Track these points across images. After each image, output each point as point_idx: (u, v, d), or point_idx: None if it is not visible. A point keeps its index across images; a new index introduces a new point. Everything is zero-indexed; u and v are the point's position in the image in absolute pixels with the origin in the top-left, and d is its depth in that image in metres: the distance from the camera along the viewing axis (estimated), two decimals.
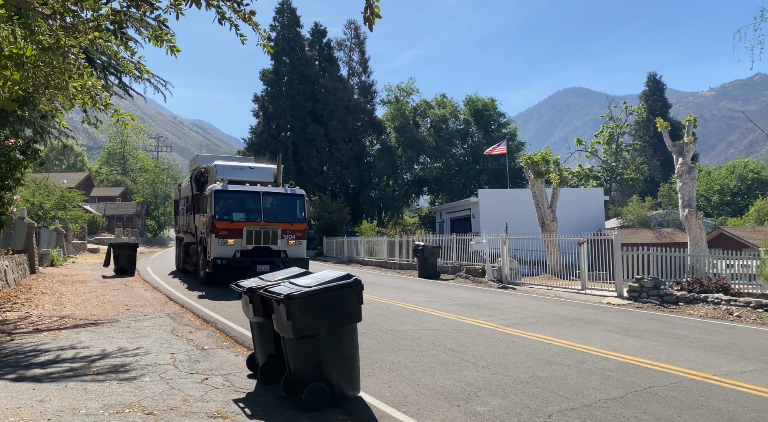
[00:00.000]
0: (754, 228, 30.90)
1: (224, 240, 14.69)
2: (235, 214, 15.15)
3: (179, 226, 21.65)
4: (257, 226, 15.05)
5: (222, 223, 14.81)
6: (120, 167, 77.50)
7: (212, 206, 14.88)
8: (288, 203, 15.92)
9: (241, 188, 15.48)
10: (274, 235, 15.24)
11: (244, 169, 16.76)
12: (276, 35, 50.07)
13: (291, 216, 15.77)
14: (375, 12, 4.47)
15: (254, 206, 15.41)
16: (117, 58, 6.84)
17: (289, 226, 15.52)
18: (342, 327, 5.33)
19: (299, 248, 15.72)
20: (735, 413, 5.28)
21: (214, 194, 14.98)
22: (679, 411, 5.31)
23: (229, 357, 7.25)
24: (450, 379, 6.32)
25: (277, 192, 15.83)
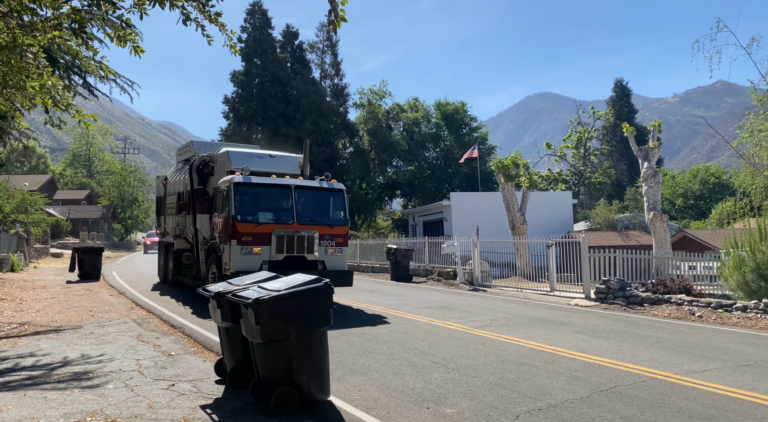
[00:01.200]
0: (715, 230, 31.85)
1: (248, 249, 11.37)
2: (262, 214, 11.83)
3: (165, 229, 17.43)
4: (290, 230, 11.63)
5: (245, 226, 11.45)
6: (85, 169, 75.61)
7: (232, 203, 11.55)
8: (325, 200, 12.73)
9: (269, 181, 12.11)
10: (311, 242, 11.86)
11: (263, 157, 13.47)
12: (247, 37, 49.63)
13: (330, 217, 12.55)
14: (339, 15, 4.46)
15: (285, 204, 12.12)
16: (79, 57, 6.68)
17: (328, 230, 12.21)
18: (312, 331, 5.29)
19: (340, 258, 12.32)
20: (695, 410, 5.42)
21: (235, 188, 11.60)
22: (642, 409, 5.43)
23: (197, 363, 7.13)
24: (420, 382, 6.33)
25: (312, 186, 12.48)
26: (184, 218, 14.78)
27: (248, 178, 11.90)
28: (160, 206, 18.14)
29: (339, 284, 11.39)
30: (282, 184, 12.13)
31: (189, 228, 14.35)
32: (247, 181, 11.79)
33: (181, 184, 15.30)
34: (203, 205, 13.50)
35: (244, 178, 11.81)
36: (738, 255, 12.74)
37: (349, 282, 12.11)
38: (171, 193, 16.66)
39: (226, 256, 11.58)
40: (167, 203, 17.05)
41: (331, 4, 4.43)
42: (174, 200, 16.12)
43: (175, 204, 15.85)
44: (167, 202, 17.05)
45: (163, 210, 17.59)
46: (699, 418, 5.21)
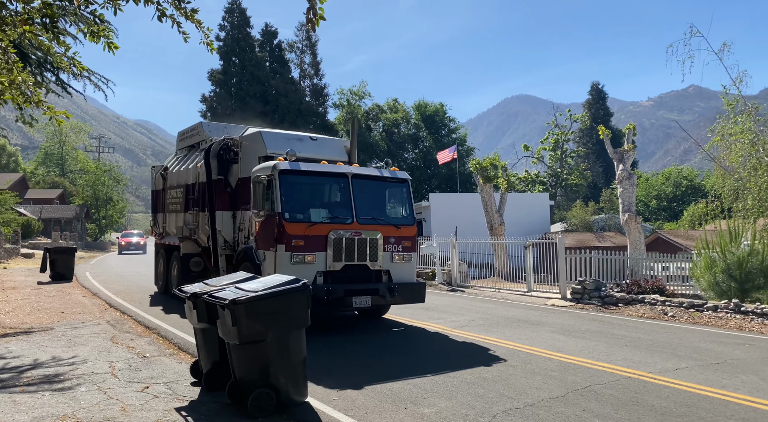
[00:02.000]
0: (688, 232, 32.54)
1: (301, 256, 8.81)
2: (314, 212, 9.37)
3: (164, 229, 14.52)
4: (349, 231, 9.13)
5: (296, 226, 8.86)
6: (58, 168, 74.03)
7: (277, 197, 8.97)
8: (389, 193, 10.27)
9: (322, 168, 9.68)
10: (374, 246, 9.33)
11: (303, 139, 11.06)
12: (225, 35, 49.23)
13: (394, 215, 10.08)
14: (318, 13, 4.44)
15: (340, 198, 9.73)
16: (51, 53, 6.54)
17: (394, 231, 9.64)
18: (290, 332, 5.26)
19: (408, 267, 9.80)
20: (668, 408, 5.52)
21: (281, 177, 9.05)
22: (616, 408, 5.51)
23: (172, 365, 7.03)
24: (398, 382, 6.33)
25: (373, 175, 9.99)
26: (195, 216, 12.05)
27: (296, 164, 9.28)
28: (158, 201, 15.22)
29: (410, 300, 9.77)
30: (338, 172, 9.60)
31: (203, 228, 11.66)
32: (294, 167, 9.20)
33: (190, 174, 12.51)
34: (224, 200, 11.04)
35: (290, 165, 9.21)
36: (709, 256, 13.02)
37: (421, 298, 9.77)
38: (174, 185, 13.78)
39: (269, 265, 8.96)
40: (168, 198, 14.19)
41: (309, 1, 4.40)
42: (179, 194, 13.32)
43: (181, 198, 13.07)
44: (168, 197, 14.19)
45: (162, 206, 14.67)
46: (671, 416, 5.31)
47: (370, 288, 9.15)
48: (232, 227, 11.05)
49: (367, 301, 9.02)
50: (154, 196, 15.74)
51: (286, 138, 10.92)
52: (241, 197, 10.69)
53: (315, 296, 8.08)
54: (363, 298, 9.00)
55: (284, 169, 9.17)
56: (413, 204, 10.32)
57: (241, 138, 11.20)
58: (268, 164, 9.46)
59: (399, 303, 9.64)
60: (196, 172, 12.08)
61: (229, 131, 12.54)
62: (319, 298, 8.47)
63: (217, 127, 13.14)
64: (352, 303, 8.91)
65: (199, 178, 11.82)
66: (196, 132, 13.47)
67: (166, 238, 14.26)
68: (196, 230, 12.08)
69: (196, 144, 13.27)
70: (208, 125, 13.22)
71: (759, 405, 5.69)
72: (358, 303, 8.96)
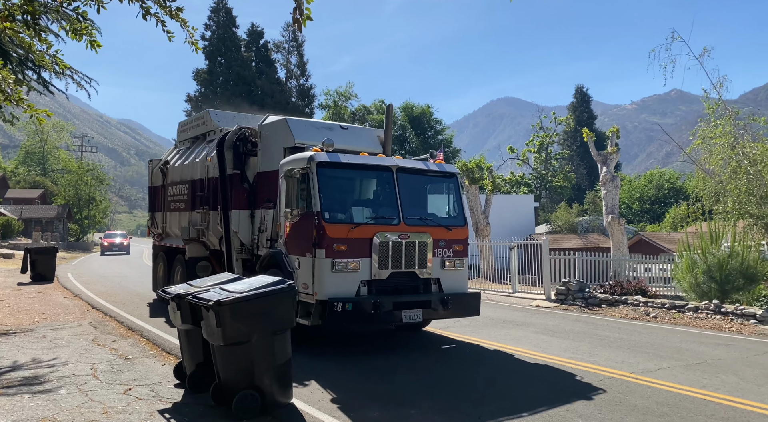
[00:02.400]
0: (670, 234, 32.98)
1: (344, 263, 7.60)
2: (356, 211, 8.25)
3: (164, 229, 13.12)
4: (395, 234, 7.93)
5: (338, 228, 7.65)
6: (39, 167, 72.91)
7: (315, 193, 7.72)
8: (437, 189, 9.15)
9: (365, 160, 8.42)
10: (423, 251, 8.13)
11: (333, 128, 9.80)
12: (211, 35, 48.91)
13: (443, 215, 8.88)
14: (305, 13, 4.43)
15: (384, 194, 8.54)
16: (32, 50, 6.44)
17: (444, 233, 8.43)
18: (274, 333, 5.24)
19: (460, 275, 8.62)
20: (650, 408, 5.59)
21: (319, 170, 7.81)
22: (599, 408, 5.57)
23: (156, 367, 6.96)
24: (384, 384, 6.34)
25: (419, 168, 8.72)
26: (204, 215, 10.73)
27: (334, 155, 8.05)
28: (156, 199, 13.86)
29: (464, 313, 8.54)
30: (382, 164, 8.35)
31: (213, 229, 10.42)
32: (334, 159, 7.95)
33: (197, 168, 11.19)
34: (241, 197, 9.77)
35: (329, 156, 7.95)
36: (690, 258, 13.21)
37: (475, 310, 8.61)
38: (177, 180, 12.39)
39: (304, 273, 7.75)
40: (170, 195, 12.78)
41: (296, 1, 4.38)
42: (183, 191, 12.01)
43: (187, 195, 11.76)
44: (170, 194, 12.78)
45: (162, 204, 13.32)
46: (653, 416, 5.37)
47: (422, 300, 7.95)
48: (250, 228, 9.72)
49: (417, 315, 7.80)
50: (151, 193, 14.24)
51: (314, 127, 9.66)
52: (261, 194, 9.46)
53: (360, 310, 7.36)
54: (413, 312, 7.78)
55: (323, 161, 7.84)
56: (462, 201, 9.18)
57: (261, 127, 9.83)
58: (302, 155, 8.09)
59: (452, 316, 8.44)
60: (205, 166, 10.72)
61: (239, 120, 11.39)
62: (364, 312, 7.39)
63: (226, 116, 11.90)
64: (402, 318, 7.67)
65: (209, 173, 10.53)
66: (202, 121, 12.04)
67: (167, 240, 12.95)
68: (204, 231, 10.69)
69: (202, 135, 11.90)
70: (216, 114, 11.83)
71: (738, 404, 5.78)
72: (408, 317, 7.72)
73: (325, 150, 8.04)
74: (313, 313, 7.40)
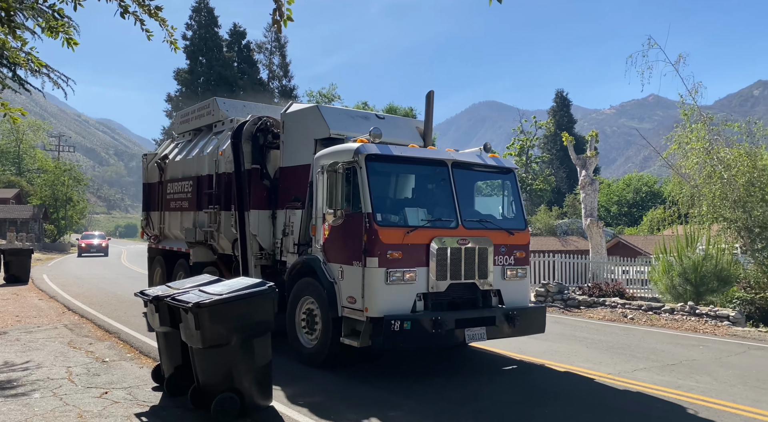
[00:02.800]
0: (647, 237, 33.54)
1: (399, 273, 6.59)
2: (410, 212, 7.24)
3: (162, 230, 11.87)
4: (454, 239, 6.93)
5: (392, 233, 6.66)
6: (14, 167, 71.45)
7: (365, 191, 6.71)
8: (494, 187, 8.31)
9: (417, 153, 7.35)
10: (484, 258, 7.12)
11: (369, 117, 8.70)
12: (192, 34, 48.51)
13: (503, 216, 7.90)
14: (285, 14, 4.41)
15: (439, 193, 7.47)
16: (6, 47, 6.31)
17: (506, 238, 7.40)
18: (255, 335, 5.20)
19: (522, 286, 7.62)
20: (628, 408, 5.68)
21: (369, 164, 6.80)
22: (578, 408, 5.63)
23: (133, 369, 6.87)
24: (363, 385, 6.34)
25: (476, 162, 7.73)
26: (213, 216, 9.61)
27: (385, 147, 7.03)
28: (152, 197, 12.54)
29: (530, 330, 7.39)
30: (437, 158, 7.37)
31: (226, 231, 9.28)
32: (385, 152, 6.94)
33: (204, 162, 10.08)
34: (261, 196, 8.74)
35: (379, 148, 6.94)
36: (666, 261, 13.45)
37: (541, 327, 7.49)
38: (178, 177, 11.25)
39: (351, 285, 6.68)
40: (169, 193, 11.60)
41: (275, 2, 4.36)
42: (187, 188, 10.85)
43: (191, 194, 10.63)
44: (169, 192, 11.61)
45: (159, 202, 12.04)
46: (630, 416, 5.46)
47: (485, 317, 6.92)
48: (271, 231, 8.69)
49: (481, 334, 6.82)
50: (146, 190, 12.93)
51: (349, 115, 8.57)
52: (285, 192, 8.41)
53: (419, 329, 6.30)
54: (477, 330, 6.80)
55: (373, 153, 6.81)
56: (522, 201, 8.08)
57: (284, 116, 8.63)
58: (346, 147, 7.02)
59: (517, 334, 7.27)
60: (214, 161, 9.63)
61: (250, 110, 10.42)
62: (423, 332, 6.35)
63: (235, 105, 10.93)
64: (465, 338, 6.71)
65: (219, 168, 9.49)
66: (207, 111, 10.87)
67: (165, 242, 11.78)
68: (214, 234, 9.55)
69: (208, 126, 10.77)
70: (224, 102, 10.83)
71: (712, 404, 5.90)
72: (471, 337, 6.76)
73: (373, 141, 6.98)
74: (363, 332, 6.37)
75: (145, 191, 12.96)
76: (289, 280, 7.59)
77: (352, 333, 6.62)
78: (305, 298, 7.31)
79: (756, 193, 12.28)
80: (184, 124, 11.86)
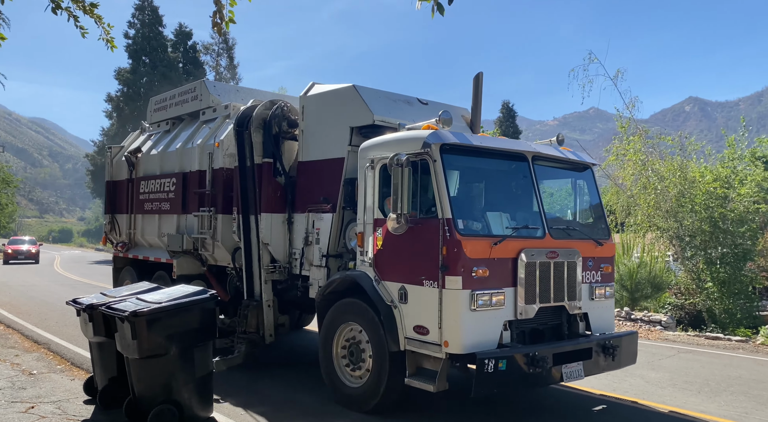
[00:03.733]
0: None
1: (487, 296, 5.16)
2: (493, 218, 5.86)
3: (131, 235, 10.20)
4: (543, 251, 5.61)
5: (477, 245, 5.22)
6: None
7: (441, 191, 5.26)
8: (576, 187, 6.70)
9: (498, 143, 6.24)
10: (573, 275, 5.82)
11: (412, 102, 7.25)
12: (135, 33, 46.94)
13: (589, 223, 6.80)
14: (226, 17, 4.31)
15: (520, 194, 6.31)
16: None
17: (593, 250, 6.14)
18: (195, 345, 5.06)
19: (609, 306, 6.37)
20: (564, 410, 5.83)
21: (443, 157, 5.39)
22: (515, 412, 5.72)
23: (64, 382, 6.52)
24: (310, 395, 6.25)
25: (557, 156, 6.35)
26: (206, 220, 8.03)
27: (462, 136, 5.73)
28: (119, 197, 10.73)
29: (625, 362, 6.08)
30: (517, 150, 6.04)
31: (224, 238, 7.79)
32: (464, 141, 5.59)
33: (193, 156, 8.56)
34: (274, 196, 7.32)
35: (457, 136, 5.59)
36: None
37: (634, 357, 6.23)
38: (155, 173, 9.59)
39: (421, 311, 5.26)
40: (143, 192, 9.86)
41: (216, 4, 4.26)
42: (168, 187, 9.19)
43: (174, 193, 9.02)
44: (143, 191, 9.87)
45: (129, 204, 10.27)
46: (565, 418, 5.60)
47: (583, 349, 5.64)
48: (286, 238, 7.27)
49: (579, 371, 5.51)
50: (111, 189, 11.03)
51: (390, 99, 7.01)
52: (305, 191, 7.08)
53: (514, 367, 5.00)
54: (575, 367, 5.49)
55: (451, 142, 5.42)
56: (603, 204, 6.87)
57: (305, 99, 7.17)
58: (413, 135, 5.59)
59: (613, 368, 6.02)
60: (207, 154, 8.15)
61: (244, 95, 8.97)
62: (519, 372, 5.07)
63: (228, 90, 9.49)
64: (562, 377, 5.39)
65: (214, 163, 8.04)
66: (192, 95, 9.29)
67: (135, 250, 10.12)
68: (206, 241, 8.05)
69: (193, 113, 9.27)
70: (214, 86, 9.43)
71: (641, 406, 6.16)
72: (569, 375, 5.43)
73: (443, 126, 5.62)
74: (440, 373, 5.03)
75: (110, 190, 11.08)
76: (321, 300, 6.19)
77: (419, 374, 5.28)
78: (346, 325, 5.89)
79: (686, 203, 12.94)
80: (160, 111, 10.15)
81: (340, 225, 6.44)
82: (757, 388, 7.21)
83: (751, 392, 7.00)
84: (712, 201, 12.68)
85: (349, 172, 6.28)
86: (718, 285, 12.31)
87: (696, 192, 12.90)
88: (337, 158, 6.53)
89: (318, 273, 6.59)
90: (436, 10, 3.88)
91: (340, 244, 6.45)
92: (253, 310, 7.13)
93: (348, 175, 6.31)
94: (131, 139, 11.25)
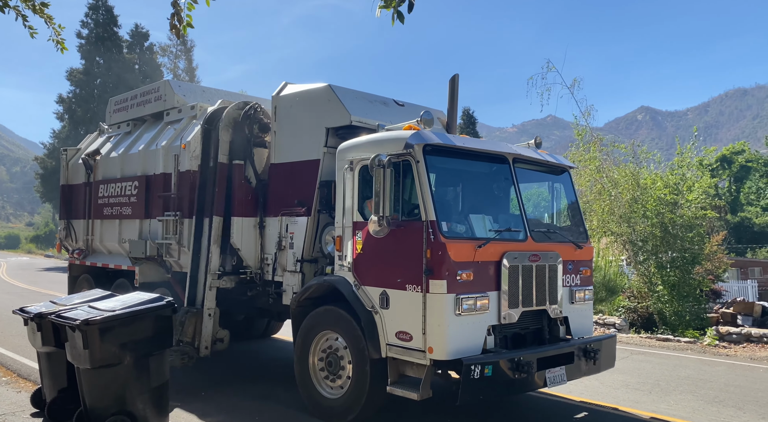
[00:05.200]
0: None
1: (472, 301, 5.07)
2: (475, 220, 5.86)
3: (88, 241, 9.78)
4: (525, 254, 5.57)
5: (461, 248, 5.11)
6: None
7: (424, 193, 5.15)
8: (554, 189, 6.76)
9: (480, 145, 6.17)
10: (554, 279, 5.81)
11: (388, 104, 7.17)
12: (88, 33, 45.52)
13: (569, 226, 6.83)
14: (184, 20, 4.24)
15: (500, 196, 6.28)
16: None
17: (572, 253, 6.15)
18: (150, 354, 4.92)
19: (588, 310, 6.37)
20: (521, 413, 5.92)
21: (426, 158, 5.27)
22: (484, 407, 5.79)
23: (9, 395, 6.24)
24: (270, 402, 6.16)
25: (537, 159, 6.31)
26: (174, 224, 7.75)
27: (444, 136, 5.73)
28: (75, 201, 10.29)
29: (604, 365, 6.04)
30: (498, 151, 5.95)
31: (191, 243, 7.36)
32: (446, 142, 5.49)
33: (157, 158, 8.24)
34: (246, 200, 7.14)
35: (440, 137, 5.52)
36: None
37: (613, 361, 6.21)
38: (116, 177, 9.24)
39: (404, 317, 5.13)
40: (103, 196, 9.45)
41: (174, 7, 4.18)
42: (130, 190, 8.84)
43: (136, 197, 8.66)
44: (102, 195, 9.46)
45: (87, 208, 9.83)
46: (524, 418, 5.69)
47: (565, 353, 5.60)
48: (258, 243, 7.05)
49: (561, 376, 5.47)
50: (66, 194, 10.58)
51: (367, 100, 6.88)
52: (278, 194, 6.88)
53: (499, 373, 4.93)
54: (557, 372, 5.44)
55: (433, 143, 5.31)
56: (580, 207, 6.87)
57: (278, 99, 6.94)
58: (394, 136, 5.48)
59: (594, 372, 5.97)
60: (173, 156, 7.88)
61: (210, 96, 8.77)
62: (503, 377, 4.99)
63: (193, 90, 9.22)
64: (546, 382, 5.34)
65: (181, 165, 7.75)
66: (156, 95, 8.99)
67: (93, 257, 9.70)
68: (171, 247, 7.76)
69: (158, 114, 8.93)
70: (179, 86, 9.17)
71: (594, 406, 6.34)
72: (553, 379, 5.38)
73: (425, 126, 5.51)
74: (424, 380, 4.92)
75: (65, 194, 10.61)
76: (297, 307, 5.95)
77: (402, 381, 5.14)
78: (324, 333, 5.71)
79: (638, 209, 13.35)
80: (120, 112, 9.81)
81: (315, 229, 6.28)
82: (704, 387, 7.50)
83: (698, 391, 7.28)
84: (663, 207, 13.10)
85: (325, 174, 6.14)
86: (669, 289, 12.73)
87: (647, 198, 13.32)
88: (312, 160, 6.37)
89: (292, 278, 6.39)
90: (396, 19, 3.91)
91: (315, 249, 6.31)
92: (192, 318, 6.85)
93: (324, 177, 6.17)
94: (88, 140, 10.81)
